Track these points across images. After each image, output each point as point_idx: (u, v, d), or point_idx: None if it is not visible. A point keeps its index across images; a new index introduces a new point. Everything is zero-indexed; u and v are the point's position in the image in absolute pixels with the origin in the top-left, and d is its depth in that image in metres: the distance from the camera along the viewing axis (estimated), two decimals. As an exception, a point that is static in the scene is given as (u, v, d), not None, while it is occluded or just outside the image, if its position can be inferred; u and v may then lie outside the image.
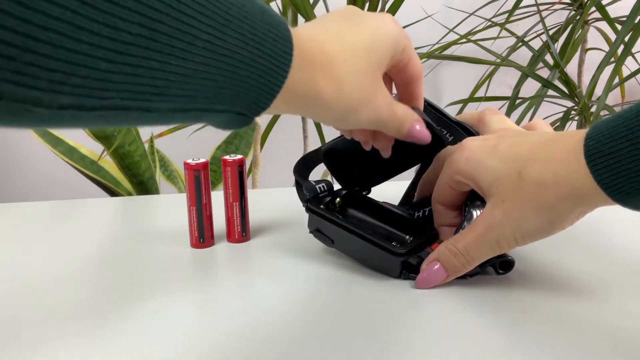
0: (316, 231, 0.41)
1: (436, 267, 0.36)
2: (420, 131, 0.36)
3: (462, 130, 0.42)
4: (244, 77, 0.23)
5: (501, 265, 0.38)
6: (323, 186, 0.43)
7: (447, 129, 0.43)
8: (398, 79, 0.36)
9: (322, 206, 0.41)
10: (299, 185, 0.44)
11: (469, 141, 0.36)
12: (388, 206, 0.43)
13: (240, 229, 0.45)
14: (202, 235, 0.44)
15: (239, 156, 0.44)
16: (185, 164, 0.43)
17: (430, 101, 0.42)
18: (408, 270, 0.38)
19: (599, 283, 0.37)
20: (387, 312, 0.34)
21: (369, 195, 0.44)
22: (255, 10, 0.24)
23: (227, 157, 0.44)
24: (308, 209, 0.41)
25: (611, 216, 0.49)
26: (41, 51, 0.17)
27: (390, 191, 0.47)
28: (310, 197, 0.41)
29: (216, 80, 0.22)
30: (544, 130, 0.39)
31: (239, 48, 0.23)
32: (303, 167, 0.45)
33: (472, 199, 0.38)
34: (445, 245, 0.36)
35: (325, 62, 0.28)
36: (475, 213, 0.37)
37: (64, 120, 0.19)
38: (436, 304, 0.35)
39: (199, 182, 0.43)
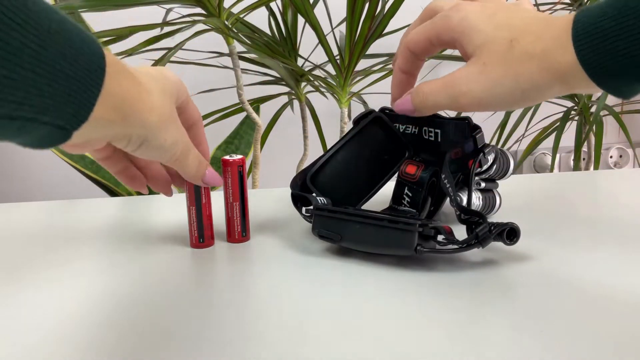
0: (322, 229, 0.41)
1: (407, 97, 0.39)
2: (212, 175, 0.41)
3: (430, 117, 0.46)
4: (64, 87, 0.25)
5: (508, 234, 0.38)
6: (323, 200, 0.44)
7: (412, 123, 0.48)
8: (182, 122, 0.38)
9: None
10: (298, 200, 0.44)
11: (465, 4, 0.37)
12: (385, 210, 0.44)
13: (240, 229, 0.45)
14: (202, 235, 0.44)
15: (239, 156, 0.44)
16: None
17: (389, 107, 0.47)
18: (423, 243, 0.38)
19: (599, 284, 0.37)
20: (387, 312, 0.34)
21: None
22: (72, 27, 0.26)
23: (227, 157, 0.44)
24: (315, 214, 0.41)
25: (613, 214, 0.49)
26: None
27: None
28: (315, 205, 0.42)
29: (41, 89, 0.24)
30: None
31: (60, 60, 0.24)
32: (300, 184, 0.46)
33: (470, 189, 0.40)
34: (420, 84, 0.38)
35: (135, 76, 0.31)
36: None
37: None
38: (436, 304, 0.35)
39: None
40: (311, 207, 0.43)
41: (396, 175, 0.47)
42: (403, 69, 0.41)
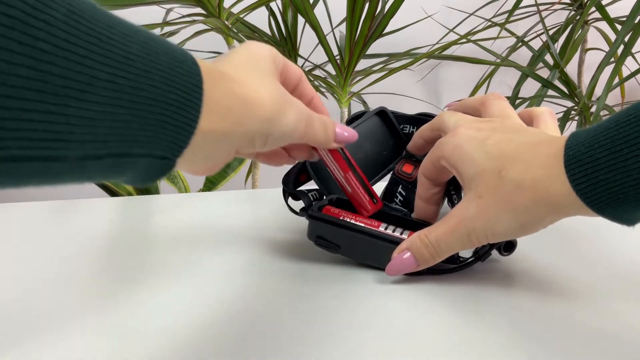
0: (318, 238, 0.40)
1: (406, 255, 0.36)
2: (343, 131, 0.37)
3: (427, 117, 0.47)
4: (157, 114, 0.22)
5: (505, 247, 0.39)
6: (315, 194, 0.43)
7: (410, 123, 0.48)
8: (287, 85, 0.37)
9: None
10: (290, 196, 0.44)
11: (461, 128, 0.36)
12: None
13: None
14: (372, 196, 0.41)
15: None
16: None
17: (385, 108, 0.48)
18: None
19: (600, 285, 0.37)
20: (388, 312, 0.34)
21: None
22: (157, 47, 0.23)
23: None
24: (310, 217, 0.40)
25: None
26: None
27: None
28: (307, 205, 0.41)
29: (127, 121, 0.21)
30: (547, 122, 0.39)
31: (146, 85, 0.22)
32: (292, 181, 0.45)
33: (458, 190, 0.40)
34: (418, 235, 0.36)
35: (231, 75, 0.28)
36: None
37: None
38: (437, 305, 0.35)
39: (342, 150, 0.40)
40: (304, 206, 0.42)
41: (390, 173, 0.47)
42: (422, 197, 0.40)
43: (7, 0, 0.17)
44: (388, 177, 0.47)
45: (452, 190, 0.41)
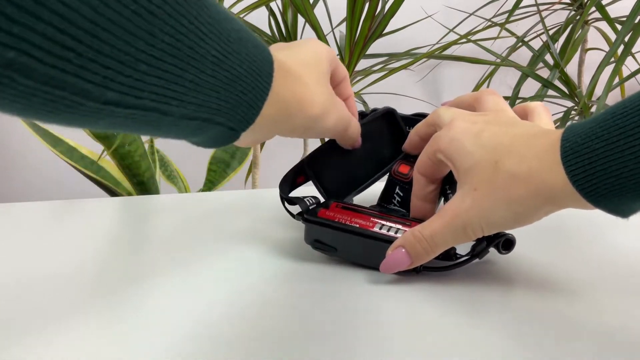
0: (315, 242, 0.40)
1: (400, 252, 0.36)
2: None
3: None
4: (238, 91, 0.27)
5: (504, 244, 0.38)
6: (310, 199, 0.43)
7: (407, 124, 0.48)
8: (332, 81, 0.41)
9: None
10: (287, 202, 0.44)
11: (457, 121, 0.36)
12: (374, 207, 0.44)
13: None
14: None
15: None
16: None
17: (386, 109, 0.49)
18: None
19: (600, 284, 0.37)
20: (387, 313, 0.34)
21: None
22: (247, 36, 0.28)
23: None
24: (306, 220, 0.40)
25: (610, 216, 0.49)
26: (102, 50, 0.20)
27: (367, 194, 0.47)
28: (304, 209, 0.41)
29: (219, 92, 0.26)
30: (540, 115, 0.39)
31: (237, 65, 0.27)
32: (289, 184, 0.46)
33: (452, 185, 0.40)
34: (411, 231, 0.36)
35: (295, 73, 0.34)
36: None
37: (101, 117, 0.22)
38: (437, 305, 0.35)
39: None
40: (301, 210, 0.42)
41: (387, 173, 0.47)
42: (418, 195, 0.41)
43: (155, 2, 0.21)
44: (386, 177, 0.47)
45: (447, 189, 0.41)
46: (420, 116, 0.48)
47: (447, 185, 0.41)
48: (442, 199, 0.42)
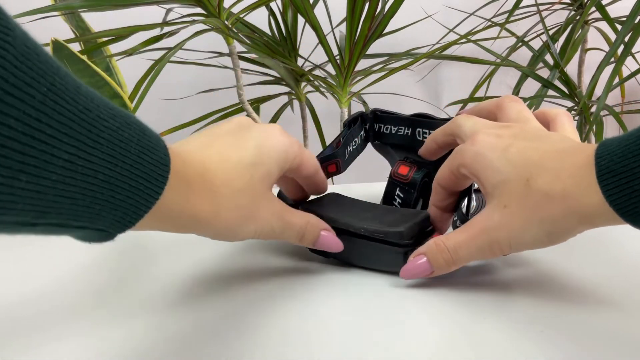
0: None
1: (421, 260, 0.35)
2: (327, 238, 0.38)
3: (423, 119, 0.47)
4: (107, 197, 0.22)
5: None
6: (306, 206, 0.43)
7: (405, 125, 0.48)
8: (295, 177, 0.39)
9: None
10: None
11: (480, 135, 0.35)
12: (363, 202, 0.43)
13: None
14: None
15: None
16: None
17: (380, 109, 0.49)
18: None
19: (602, 284, 0.37)
20: (387, 313, 0.34)
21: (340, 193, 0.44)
22: (132, 134, 0.23)
23: None
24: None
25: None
26: None
27: (367, 192, 0.47)
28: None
29: (74, 198, 0.21)
30: (564, 125, 0.38)
31: (106, 169, 0.22)
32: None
33: (469, 195, 0.39)
34: (435, 240, 0.35)
35: (205, 184, 0.29)
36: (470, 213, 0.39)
37: None
38: (437, 306, 0.35)
39: None
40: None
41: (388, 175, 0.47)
42: (437, 205, 0.40)
43: None
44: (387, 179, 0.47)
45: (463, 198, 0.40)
46: (421, 116, 0.48)
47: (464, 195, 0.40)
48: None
